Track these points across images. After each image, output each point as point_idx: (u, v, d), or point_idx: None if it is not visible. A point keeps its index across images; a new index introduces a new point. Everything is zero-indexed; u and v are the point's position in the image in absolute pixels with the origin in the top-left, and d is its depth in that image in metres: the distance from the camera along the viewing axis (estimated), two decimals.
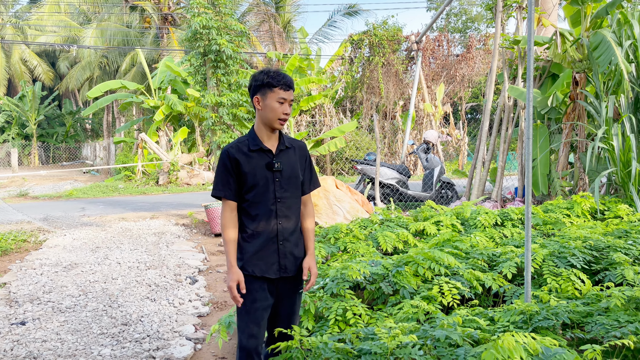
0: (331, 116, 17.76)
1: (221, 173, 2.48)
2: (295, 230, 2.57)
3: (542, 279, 3.73)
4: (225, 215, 2.49)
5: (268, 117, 2.46)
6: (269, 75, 2.46)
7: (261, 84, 2.46)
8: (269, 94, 2.45)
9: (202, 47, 8.73)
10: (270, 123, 2.47)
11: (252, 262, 2.48)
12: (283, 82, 2.44)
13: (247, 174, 2.46)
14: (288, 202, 2.53)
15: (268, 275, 2.50)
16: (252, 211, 2.48)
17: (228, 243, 2.47)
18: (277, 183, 2.49)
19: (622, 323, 2.73)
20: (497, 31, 8.91)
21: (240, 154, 2.47)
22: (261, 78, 2.46)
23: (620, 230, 4.73)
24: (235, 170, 2.46)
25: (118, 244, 7.33)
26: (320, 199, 7.53)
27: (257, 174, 2.46)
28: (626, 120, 6.22)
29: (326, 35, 23.88)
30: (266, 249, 2.49)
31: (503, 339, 2.24)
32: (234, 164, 2.46)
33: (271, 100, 2.44)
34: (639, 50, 6.29)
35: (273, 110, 2.45)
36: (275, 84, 2.44)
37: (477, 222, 5.46)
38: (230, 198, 2.48)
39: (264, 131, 2.50)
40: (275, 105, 2.44)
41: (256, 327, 2.50)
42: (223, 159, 2.48)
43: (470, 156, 19.71)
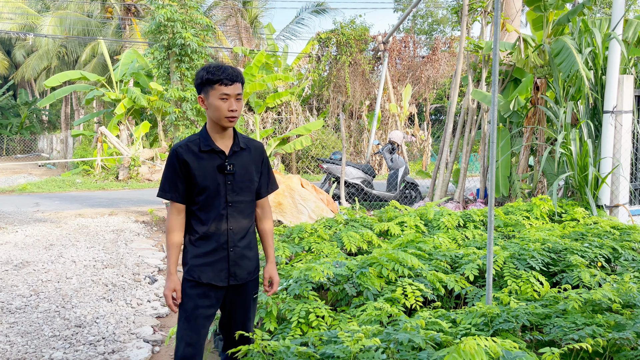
0: (297, 114, 17.68)
1: (169, 174, 2.34)
2: (248, 236, 2.44)
3: (502, 281, 3.79)
4: (171, 218, 2.35)
5: (213, 115, 2.31)
6: (208, 71, 2.30)
7: (201, 82, 2.31)
8: (211, 91, 2.29)
9: (166, 40, 8.52)
10: (217, 121, 2.32)
11: (198, 267, 2.35)
12: (224, 77, 2.27)
13: (196, 177, 2.31)
14: (240, 206, 2.40)
15: (215, 283, 2.37)
16: (202, 215, 2.35)
17: (171, 247, 2.34)
18: (229, 186, 2.36)
19: (580, 325, 2.79)
20: (462, 35, 9.04)
21: (190, 155, 2.31)
22: (201, 75, 2.32)
23: (577, 233, 4.86)
24: (183, 171, 2.32)
25: (74, 242, 7.07)
26: (285, 197, 7.46)
27: (207, 177, 2.32)
28: (584, 126, 6.40)
29: (294, 33, 23.78)
30: (215, 255, 2.36)
31: (465, 342, 2.24)
32: (182, 166, 2.31)
33: (214, 98, 2.28)
34: (598, 58, 6.49)
35: (217, 108, 2.28)
36: (215, 80, 2.27)
37: (441, 224, 5.51)
38: (178, 200, 2.34)
39: (216, 130, 2.35)
40: (218, 103, 2.28)
41: (195, 336, 2.37)
42: (171, 160, 2.33)
43: (433, 157, 20.01)
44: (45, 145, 29.56)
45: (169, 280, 2.33)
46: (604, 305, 3.07)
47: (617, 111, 6.30)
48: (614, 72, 6.23)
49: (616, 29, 6.23)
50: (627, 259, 4.23)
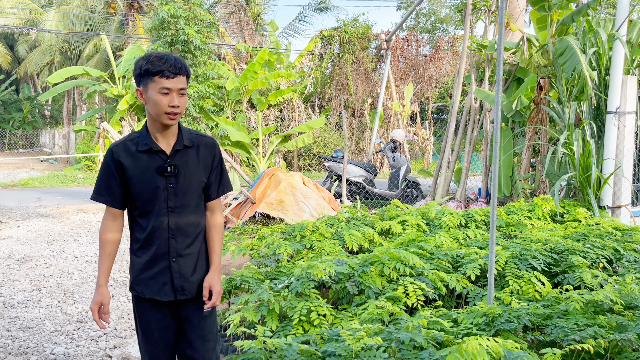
0: (299, 112, 17.68)
1: (103, 175, 2.12)
2: (195, 245, 2.20)
3: (504, 281, 3.79)
4: (104, 223, 2.15)
5: (152, 110, 2.06)
6: (148, 60, 2.04)
7: (140, 73, 2.06)
8: (150, 84, 2.03)
9: (170, 36, 8.51)
10: (156, 118, 2.07)
11: (141, 280, 2.15)
12: (165, 68, 2.01)
13: (132, 179, 2.08)
14: (184, 212, 2.15)
15: (159, 297, 2.15)
16: (142, 222, 2.13)
17: (102, 255, 2.12)
18: (171, 190, 2.11)
19: (581, 326, 2.79)
20: (465, 34, 9.02)
21: (126, 155, 2.08)
22: (140, 65, 2.05)
23: (579, 234, 4.85)
24: (119, 173, 2.09)
25: (75, 237, 7.08)
26: (287, 195, 7.46)
27: (144, 180, 2.08)
28: (587, 126, 6.39)
29: (296, 30, 23.74)
30: (156, 266, 2.14)
31: (467, 342, 2.25)
32: (117, 167, 2.09)
33: (153, 92, 2.03)
34: (602, 58, 6.47)
35: (156, 103, 2.03)
36: (155, 72, 2.01)
37: (442, 223, 5.51)
38: (113, 205, 2.12)
39: (156, 128, 2.11)
40: (158, 97, 2.03)
41: (156, 349, 2.20)
42: (106, 160, 2.10)
43: (435, 156, 19.99)
44: (47, 140, 29.60)
45: (96, 293, 2.12)
46: (605, 306, 3.07)
47: (620, 112, 6.29)
48: (617, 72, 6.22)
49: (620, 29, 6.22)
50: (629, 260, 4.22)
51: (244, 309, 3.24)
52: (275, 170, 8.08)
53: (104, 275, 2.12)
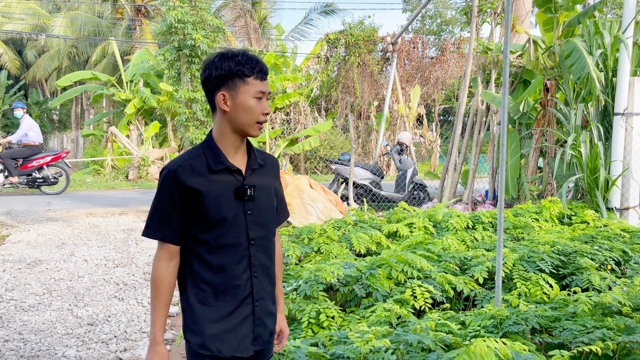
0: (306, 115, 17.72)
1: (161, 205, 1.72)
2: (271, 284, 1.86)
3: (512, 283, 3.80)
4: (159, 267, 1.73)
5: (242, 121, 1.72)
6: (237, 60, 1.71)
7: (228, 74, 1.70)
8: (242, 87, 1.71)
9: (177, 41, 8.59)
10: (244, 129, 1.74)
11: (216, 336, 1.71)
12: (259, 69, 1.72)
13: (209, 207, 1.70)
14: (264, 243, 1.81)
15: (240, 354, 1.74)
16: (215, 260, 1.72)
17: (158, 306, 1.71)
18: (250, 217, 1.75)
19: (589, 328, 2.80)
20: (472, 36, 9.03)
21: (196, 177, 1.70)
22: (227, 66, 1.70)
23: (587, 236, 4.84)
24: (185, 201, 1.70)
25: (85, 241, 7.14)
26: (294, 198, 7.50)
27: (221, 206, 1.71)
28: (594, 128, 6.38)
29: (302, 33, 23.83)
30: (237, 316, 1.74)
31: (475, 344, 2.26)
32: (184, 193, 1.69)
33: (246, 97, 1.70)
34: (608, 60, 6.46)
35: (250, 110, 1.71)
36: (249, 73, 1.71)
37: (449, 225, 5.52)
38: (172, 241, 1.72)
39: (231, 142, 1.75)
40: (252, 102, 1.71)
41: None
42: (166, 186, 1.71)
43: (442, 158, 19.96)
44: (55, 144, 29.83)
45: (152, 352, 1.70)
46: (614, 308, 3.08)
47: (628, 113, 6.27)
48: (624, 74, 6.21)
49: (627, 31, 6.21)
50: (637, 262, 4.22)
51: None
52: (282, 174, 8.11)
53: (160, 331, 1.71)
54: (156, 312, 1.71)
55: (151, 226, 1.74)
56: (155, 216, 1.74)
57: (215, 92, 1.73)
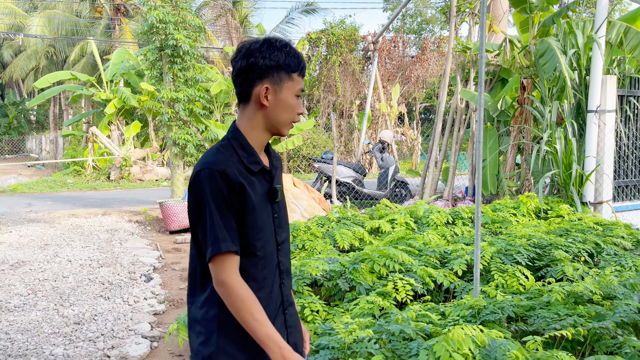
0: None
1: (220, 210, 1.45)
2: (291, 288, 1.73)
3: (490, 275, 3.93)
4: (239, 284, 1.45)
5: (280, 118, 1.57)
6: (286, 52, 1.54)
7: (276, 66, 1.53)
8: (287, 82, 1.55)
9: (159, 41, 8.57)
10: (278, 127, 1.59)
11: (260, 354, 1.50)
12: (303, 65, 1.58)
13: (251, 212, 1.50)
14: (286, 246, 1.66)
15: None
16: (256, 270, 1.53)
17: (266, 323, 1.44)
18: (276, 221, 1.61)
19: (562, 316, 2.93)
20: (450, 35, 9.19)
21: (243, 177, 1.49)
22: (276, 57, 1.52)
23: (562, 229, 5.01)
24: (238, 203, 1.48)
25: (68, 241, 7.13)
26: None
27: (262, 210, 1.54)
28: (568, 125, 6.57)
29: (284, 33, 23.84)
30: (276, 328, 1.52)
31: (453, 332, 2.38)
32: (235, 196, 1.47)
33: (289, 93, 1.56)
34: (581, 59, 6.67)
35: (290, 108, 1.57)
36: (295, 68, 1.56)
37: (430, 221, 5.65)
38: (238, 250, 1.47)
39: (261, 140, 1.60)
40: (293, 100, 1.57)
41: None
42: (218, 187, 1.45)
43: (423, 156, 20.20)
44: (34, 145, 29.37)
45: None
46: (585, 297, 3.22)
47: (601, 110, 6.48)
48: (597, 72, 6.41)
49: (599, 30, 6.41)
50: (609, 253, 4.39)
51: None
52: None
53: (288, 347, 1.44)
54: (267, 329, 1.43)
55: (221, 238, 1.43)
56: (218, 225, 1.44)
57: (257, 82, 1.54)
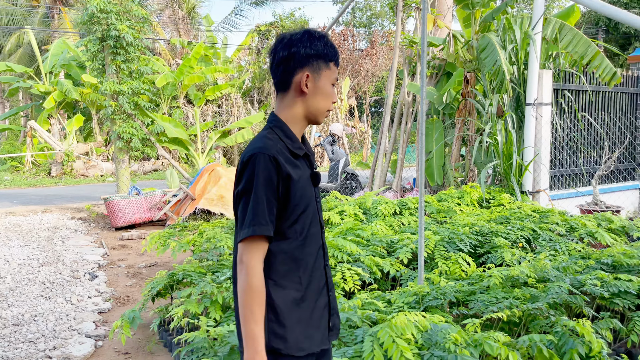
0: (238, 107, 17.59)
1: (264, 195, 1.49)
2: None
3: (434, 263, 4.06)
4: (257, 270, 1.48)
5: (318, 105, 1.63)
6: (325, 42, 1.62)
7: (316, 54, 1.60)
8: (325, 71, 1.62)
9: (100, 32, 8.27)
10: (316, 114, 1.65)
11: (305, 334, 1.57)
12: (338, 56, 1.67)
13: (297, 196, 1.56)
14: (324, 230, 1.74)
15: (325, 346, 1.64)
16: (301, 253, 1.57)
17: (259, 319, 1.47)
18: (319, 204, 1.68)
19: (500, 299, 3.08)
20: (397, 29, 9.35)
21: (288, 164, 1.55)
22: (317, 46, 1.60)
23: (502, 217, 5.23)
24: (282, 190, 1.53)
25: (5, 240, 6.80)
26: (227, 190, 7.50)
27: (306, 194, 1.60)
28: (508, 117, 6.85)
29: (233, 24, 23.54)
30: (318, 309, 1.62)
31: (396, 318, 2.46)
32: (282, 182, 1.53)
33: (327, 81, 1.63)
34: (519, 54, 6.95)
35: (327, 95, 1.64)
36: (332, 57, 1.64)
37: (378, 212, 5.76)
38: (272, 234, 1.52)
39: (300, 127, 1.65)
40: (330, 89, 1.64)
41: None
42: (268, 173, 1.50)
43: (373, 148, 20.50)
44: None
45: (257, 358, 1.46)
46: (521, 280, 3.39)
47: (538, 103, 6.79)
48: (534, 67, 6.70)
49: (536, 26, 6.70)
50: (544, 239, 4.63)
51: (187, 302, 3.31)
52: (214, 166, 8.08)
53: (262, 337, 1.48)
54: (258, 327, 1.46)
55: (257, 222, 1.47)
56: (261, 209, 1.48)
57: (298, 70, 1.60)
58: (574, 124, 7.69)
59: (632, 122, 8.51)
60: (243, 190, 1.51)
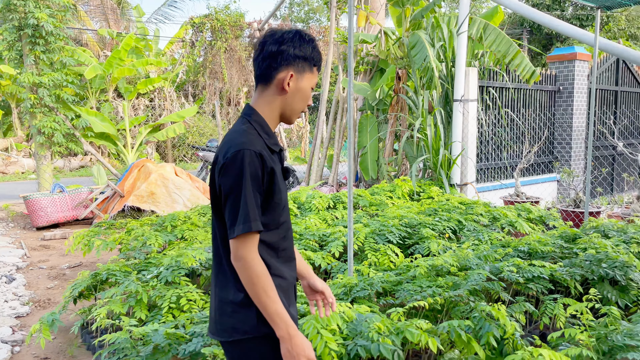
0: (172, 100, 17.10)
1: (252, 192, 1.54)
2: None
3: (364, 255, 4.14)
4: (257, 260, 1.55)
5: (294, 105, 1.70)
6: (313, 46, 1.69)
7: (304, 56, 1.67)
8: (308, 74, 1.69)
9: (17, 20, 7.76)
10: (291, 114, 1.71)
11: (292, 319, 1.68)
12: (321, 63, 1.74)
13: (278, 190, 1.64)
14: None
15: None
16: (282, 244, 1.69)
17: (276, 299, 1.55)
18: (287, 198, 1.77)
19: (424, 288, 3.18)
20: (331, 25, 9.42)
21: (272, 160, 1.62)
22: (306, 49, 1.67)
23: (431, 209, 5.42)
24: (267, 184, 1.59)
25: None
26: (158, 187, 7.28)
27: (283, 188, 1.69)
28: (437, 113, 7.09)
29: (166, 16, 22.80)
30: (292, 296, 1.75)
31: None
32: (267, 177, 1.59)
33: (308, 84, 1.69)
34: (447, 52, 7.20)
35: (305, 98, 1.71)
36: (316, 62, 1.71)
37: (312, 206, 5.80)
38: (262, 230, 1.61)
39: (274, 124, 1.71)
40: (309, 92, 1.71)
41: None
42: (255, 169, 1.54)
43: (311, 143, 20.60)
44: None
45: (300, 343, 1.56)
46: (445, 269, 3.53)
47: (465, 100, 7.07)
48: (461, 64, 6.96)
49: (462, 25, 6.96)
50: (469, 229, 4.84)
51: (111, 302, 3.19)
52: (144, 162, 7.82)
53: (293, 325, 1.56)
54: (277, 306, 1.54)
55: (252, 218, 1.52)
56: (252, 205, 1.54)
57: (283, 68, 1.65)
58: (498, 120, 8.08)
59: (549, 118, 9.05)
60: (231, 187, 1.54)
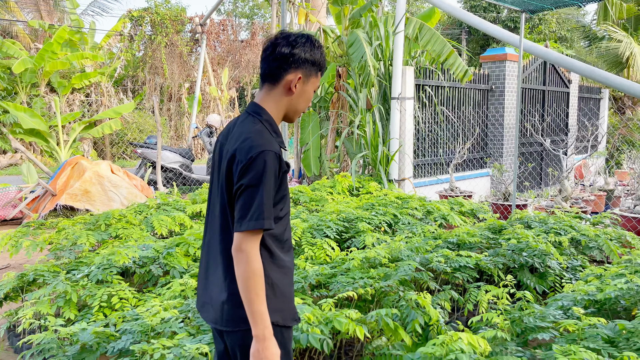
0: (110, 96, 16.52)
1: (269, 189, 1.63)
2: None
3: (301, 249, 4.21)
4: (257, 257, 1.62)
5: (298, 106, 1.81)
6: (321, 52, 1.80)
7: (312, 61, 1.77)
8: (313, 78, 1.80)
9: None
10: (293, 114, 1.83)
11: (294, 308, 1.81)
12: (325, 69, 1.86)
13: (285, 186, 1.76)
14: None
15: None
16: (285, 235, 1.78)
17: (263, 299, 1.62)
18: None
19: (357, 279, 3.29)
20: (273, 22, 9.43)
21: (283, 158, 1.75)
22: (316, 55, 1.78)
23: (368, 204, 5.55)
24: (279, 182, 1.71)
25: None
26: (93, 185, 7.06)
27: (287, 183, 1.80)
28: (376, 110, 7.26)
29: (103, 8, 21.95)
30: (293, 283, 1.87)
31: None
32: (280, 174, 1.70)
33: (312, 87, 1.81)
34: (385, 50, 7.38)
35: (308, 100, 1.83)
36: (322, 68, 1.83)
37: None
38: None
39: (279, 122, 1.82)
40: (312, 94, 1.83)
41: None
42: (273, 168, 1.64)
43: None
44: None
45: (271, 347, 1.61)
46: (377, 261, 3.65)
47: (402, 97, 7.28)
48: (398, 63, 7.17)
49: (399, 25, 7.16)
50: (404, 223, 5.01)
51: (38, 303, 3.09)
52: (78, 159, 7.54)
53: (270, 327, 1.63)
54: (262, 306, 1.60)
55: (265, 215, 1.60)
56: (268, 204, 1.62)
57: (292, 70, 1.74)
58: (434, 117, 8.37)
59: (480, 116, 9.46)
60: (249, 184, 1.61)
